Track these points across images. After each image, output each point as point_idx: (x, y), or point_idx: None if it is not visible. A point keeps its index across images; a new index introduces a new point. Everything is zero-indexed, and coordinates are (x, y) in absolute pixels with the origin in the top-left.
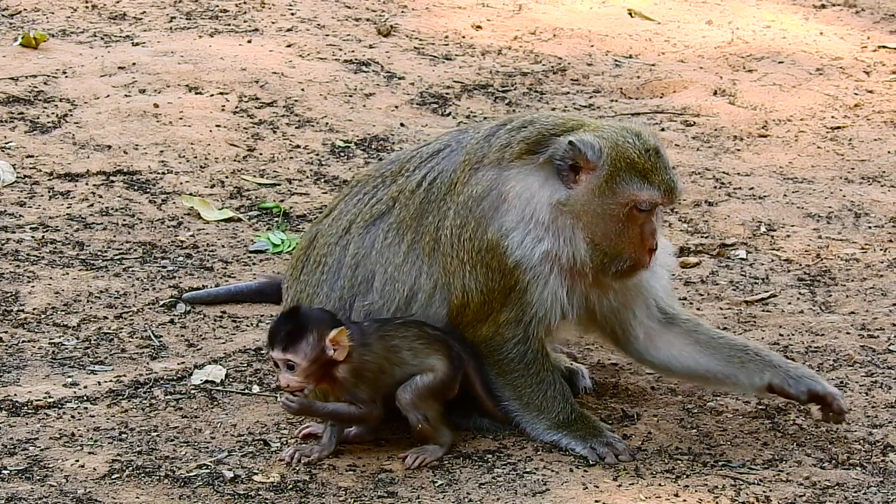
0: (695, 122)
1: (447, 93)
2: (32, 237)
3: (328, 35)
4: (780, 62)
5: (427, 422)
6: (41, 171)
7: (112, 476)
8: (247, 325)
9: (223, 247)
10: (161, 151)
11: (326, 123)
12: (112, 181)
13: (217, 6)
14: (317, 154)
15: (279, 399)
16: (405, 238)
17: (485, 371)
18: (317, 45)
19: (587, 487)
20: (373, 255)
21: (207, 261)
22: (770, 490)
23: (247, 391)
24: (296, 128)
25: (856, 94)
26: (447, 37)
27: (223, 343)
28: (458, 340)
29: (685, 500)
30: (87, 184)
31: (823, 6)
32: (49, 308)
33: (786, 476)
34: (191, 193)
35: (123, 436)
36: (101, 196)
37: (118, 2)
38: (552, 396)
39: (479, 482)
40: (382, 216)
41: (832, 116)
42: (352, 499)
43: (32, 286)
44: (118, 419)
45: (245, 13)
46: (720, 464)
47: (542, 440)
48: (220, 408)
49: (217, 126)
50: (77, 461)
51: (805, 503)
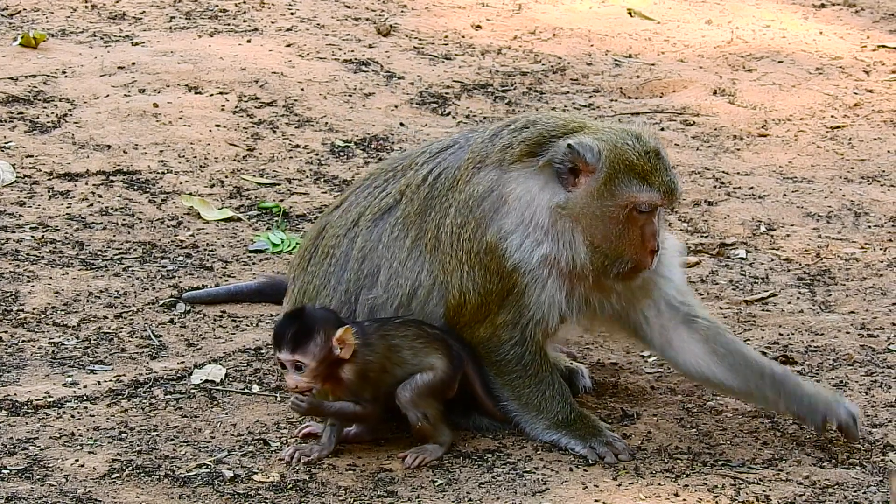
0: (694, 122)
1: (447, 92)
2: (32, 237)
3: (328, 35)
4: (780, 62)
5: (426, 420)
6: (41, 171)
7: (112, 475)
8: (246, 325)
9: (223, 246)
10: (161, 151)
11: (326, 123)
12: (112, 181)
13: (217, 6)
14: (316, 154)
15: (288, 400)
16: (409, 234)
17: (484, 370)
18: (316, 45)
19: (587, 487)
20: (379, 249)
21: (207, 260)
22: (770, 489)
23: (246, 391)
24: (295, 127)
25: (855, 94)
26: (447, 36)
27: (223, 343)
28: (457, 340)
29: (685, 500)
30: (87, 183)
31: (823, 6)
32: (49, 308)
33: (785, 475)
34: (190, 193)
35: (123, 435)
36: (101, 196)
37: (118, 1)
38: (551, 396)
39: (479, 481)
40: (390, 210)
41: (832, 116)
42: (351, 498)
43: (32, 286)
44: (118, 419)
45: (245, 13)
46: (720, 463)
47: (542, 440)
48: (220, 407)
49: (217, 126)
50: (77, 461)
51: (805, 502)
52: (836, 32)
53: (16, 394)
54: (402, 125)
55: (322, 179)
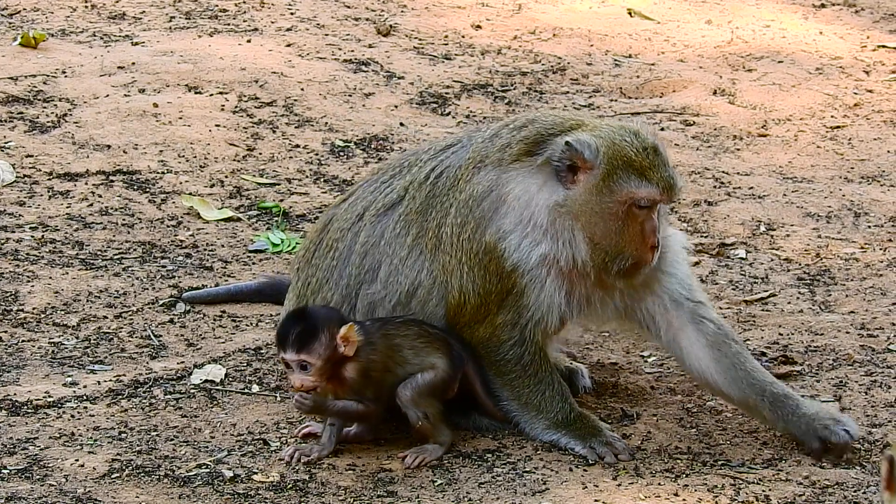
0: (694, 122)
1: (447, 92)
2: (32, 237)
3: (328, 35)
4: (780, 62)
5: (427, 420)
6: (41, 171)
7: (112, 475)
8: (246, 325)
9: (223, 246)
10: (160, 151)
11: (326, 123)
12: (111, 181)
13: (216, 6)
14: (316, 154)
15: (289, 399)
16: (411, 231)
17: (484, 371)
18: (316, 45)
19: (586, 487)
20: (381, 245)
21: (207, 260)
22: (769, 489)
23: (246, 391)
24: (295, 127)
25: (855, 94)
26: (447, 36)
27: (223, 343)
28: (458, 340)
29: (685, 500)
30: (87, 183)
31: (823, 6)
32: (49, 308)
33: (785, 475)
34: (190, 193)
35: (123, 435)
36: (101, 196)
37: (117, 1)
38: (551, 396)
39: (479, 481)
40: (394, 206)
41: (832, 116)
42: (351, 498)
43: (32, 286)
44: (118, 419)
45: (244, 13)
46: (720, 463)
47: (542, 440)
48: (220, 407)
49: (216, 126)
50: (77, 460)
51: (804, 502)
52: (836, 32)
53: (16, 394)
54: (402, 125)
55: (322, 179)
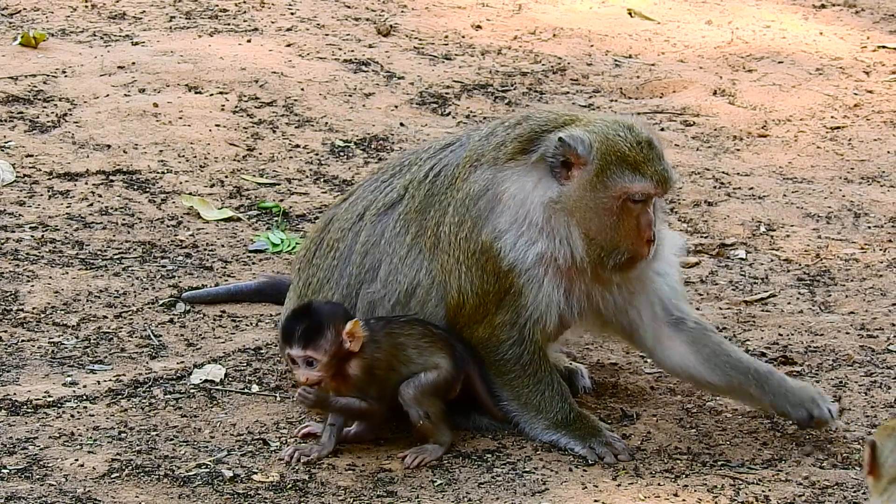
0: (694, 122)
1: (447, 92)
2: (32, 236)
3: (328, 35)
4: (780, 62)
5: (428, 419)
6: (41, 171)
7: (111, 475)
8: (246, 325)
9: (223, 246)
10: (161, 151)
11: (326, 123)
12: (111, 181)
13: (217, 6)
14: (316, 154)
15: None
16: (410, 230)
17: (486, 372)
18: (316, 45)
19: (586, 487)
20: (381, 244)
21: (207, 260)
22: (769, 490)
23: (246, 391)
24: (295, 127)
25: (855, 94)
26: (447, 36)
27: (223, 342)
28: (461, 342)
29: (684, 500)
30: (87, 183)
31: (823, 6)
32: (48, 307)
33: (785, 476)
34: (190, 193)
35: (123, 435)
36: (101, 195)
37: (118, 1)
38: (550, 396)
39: (479, 482)
40: (394, 205)
41: (832, 116)
42: (351, 498)
43: (32, 285)
44: (118, 418)
45: (245, 13)
46: (719, 463)
47: (541, 440)
48: (220, 407)
49: (217, 125)
50: (76, 460)
51: (804, 503)
52: (837, 33)
53: (15, 393)
54: (402, 125)
55: (322, 179)
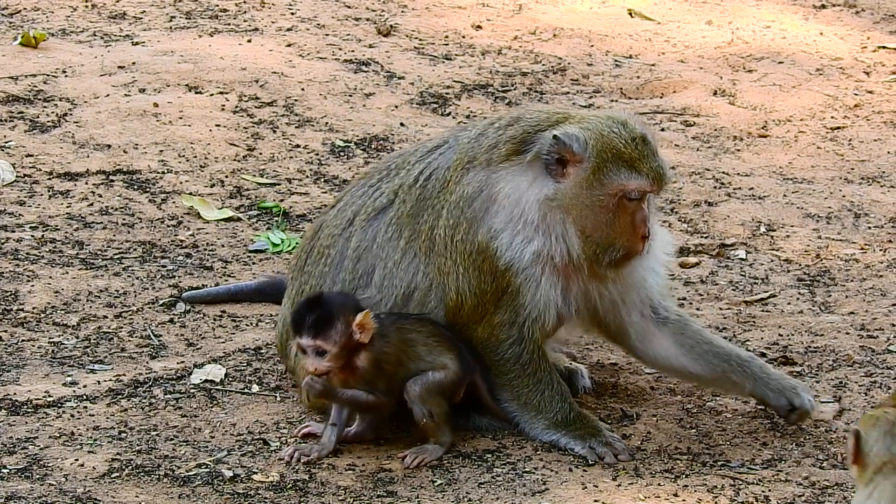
0: (695, 123)
1: (447, 93)
2: (32, 236)
3: (328, 35)
4: (780, 62)
5: (431, 418)
6: (41, 171)
7: (111, 475)
8: (246, 325)
9: (223, 246)
10: (161, 151)
11: (326, 123)
12: (112, 180)
13: (217, 6)
14: (316, 154)
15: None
16: (403, 234)
17: (490, 377)
18: (317, 45)
19: (586, 487)
20: (374, 249)
21: (207, 260)
22: (769, 490)
23: (246, 390)
24: (296, 127)
25: (856, 95)
26: (447, 37)
27: (223, 342)
28: (468, 346)
29: (684, 500)
30: (87, 183)
31: (823, 6)
32: (49, 307)
33: (785, 476)
34: (190, 193)
35: (123, 435)
36: (101, 195)
37: (118, 1)
38: (550, 396)
39: (479, 482)
40: (384, 210)
41: (832, 117)
42: (351, 498)
43: (32, 285)
44: (118, 418)
45: (245, 13)
46: (719, 464)
47: (541, 440)
48: (220, 407)
49: (217, 125)
50: (76, 460)
51: (804, 503)
52: (837, 33)
53: (15, 393)
54: (403, 125)
55: (322, 179)
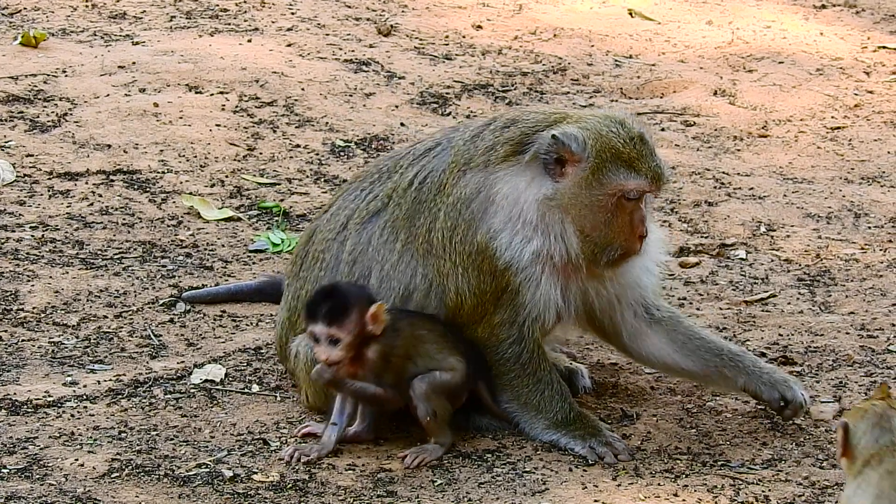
0: (695, 123)
1: (447, 92)
2: (32, 236)
3: (328, 34)
4: (781, 62)
5: (434, 417)
6: (41, 170)
7: (111, 475)
8: (246, 325)
9: (223, 246)
10: (161, 151)
11: (326, 123)
12: (112, 180)
13: (217, 5)
14: (317, 153)
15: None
16: (399, 237)
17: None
18: (317, 45)
19: (586, 487)
20: (369, 252)
21: (207, 260)
22: (769, 490)
23: (246, 390)
24: (296, 127)
25: (856, 95)
26: (447, 36)
27: (223, 342)
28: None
29: (684, 500)
30: (87, 183)
31: (823, 6)
32: (49, 307)
33: (785, 476)
34: (191, 193)
35: (123, 435)
36: (101, 195)
37: (118, 1)
38: (550, 396)
39: (479, 481)
40: (378, 213)
41: (832, 117)
42: (351, 498)
43: (32, 285)
44: (118, 418)
45: (245, 12)
46: (719, 463)
47: (541, 440)
48: (220, 407)
49: (217, 125)
50: (76, 460)
51: (804, 503)
52: (837, 33)
53: (15, 393)
54: (403, 125)
55: (322, 179)
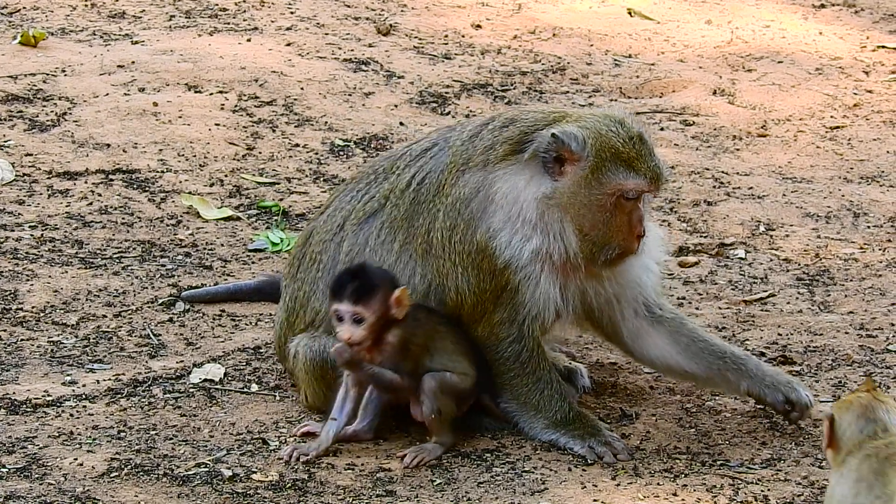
0: (694, 122)
1: (447, 92)
2: (31, 235)
3: (327, 34)
4: (780, 62)
5: (439, 415)
6: (40, 170)
7: (111, 474)
8: (246, 324)
9: (222, 245)
10: (160, 150)
11: (326, 122)
12: (111, 180)
13: (216, 5)
14: (316, 153)
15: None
16: (397, 238)
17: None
18: (316, 44)
19: (585, 486)
20: (366, 253)
21: (206, 259)
22: (768, 489)
23: (245, 390)
24: (295, 126)
25: (855, 94)
26: (447, 36)
27: (222, 342)
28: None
29: (683, 500)
30: (87, 182)
31: (823, 6)
32: (48, 306)
33: (784, 475)
34: (190, 192)
35: (122, 434)
36: (101, 194)
37: (117, 0)
38: (549, 395)
39: (478, 481)
40: (375, 214)
41: (831, 116)
42: (350, 497)
43: (31, 284)
44: (117, 417)
45: (244, 12)
46: (718, 463)
47: (541, 439)
48: (219, 406)
49: (216, 125)
50: (76, 459)
51: (803, 502)
52: (836, 33)
53: (15, 392)
54: (402, 124)
55: (321, 179)
